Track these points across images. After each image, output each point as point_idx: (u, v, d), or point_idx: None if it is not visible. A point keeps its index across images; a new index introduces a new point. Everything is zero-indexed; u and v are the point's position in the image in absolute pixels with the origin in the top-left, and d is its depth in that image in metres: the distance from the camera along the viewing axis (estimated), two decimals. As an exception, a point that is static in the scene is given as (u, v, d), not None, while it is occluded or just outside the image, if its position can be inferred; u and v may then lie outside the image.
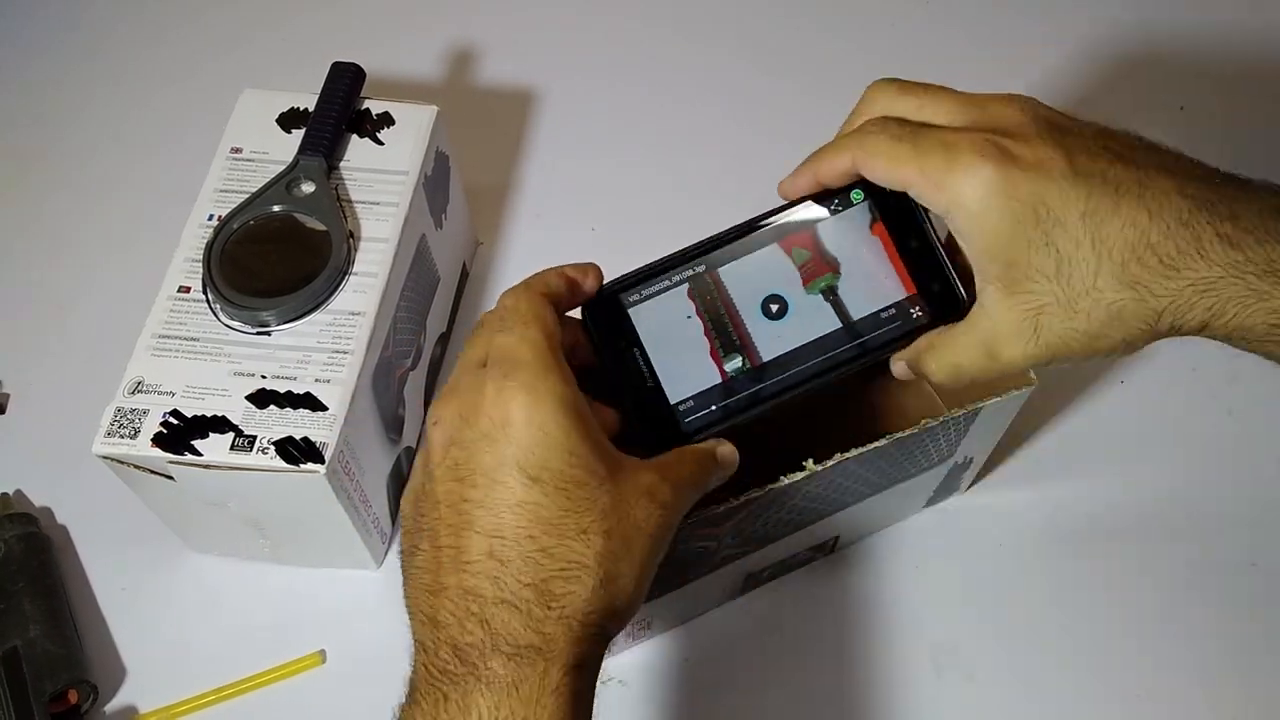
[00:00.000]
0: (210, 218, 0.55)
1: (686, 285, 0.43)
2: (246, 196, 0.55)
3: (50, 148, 0.76)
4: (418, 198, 0.57)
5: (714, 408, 0.42)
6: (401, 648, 0.56)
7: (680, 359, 0.42)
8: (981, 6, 0.83)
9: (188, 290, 0.53)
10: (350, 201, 0.56)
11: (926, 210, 0.42)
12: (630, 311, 0.43)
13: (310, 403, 0.49)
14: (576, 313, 0.43)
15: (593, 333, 0.43)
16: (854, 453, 0.45)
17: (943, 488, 0.57)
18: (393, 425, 0.57)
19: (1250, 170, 0.71)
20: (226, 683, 0.55)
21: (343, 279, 0.53)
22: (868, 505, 0.53)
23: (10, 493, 0.60)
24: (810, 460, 0.45)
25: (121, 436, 0.49)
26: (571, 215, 0.72)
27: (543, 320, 0.38)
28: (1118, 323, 0.38)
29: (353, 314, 0.52)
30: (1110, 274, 0.37)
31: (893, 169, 0.39)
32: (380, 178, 0.57)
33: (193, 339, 0.51)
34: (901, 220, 0.43)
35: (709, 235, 0.44)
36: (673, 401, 0.42)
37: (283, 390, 0.50)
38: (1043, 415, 0.63)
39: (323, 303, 0.52)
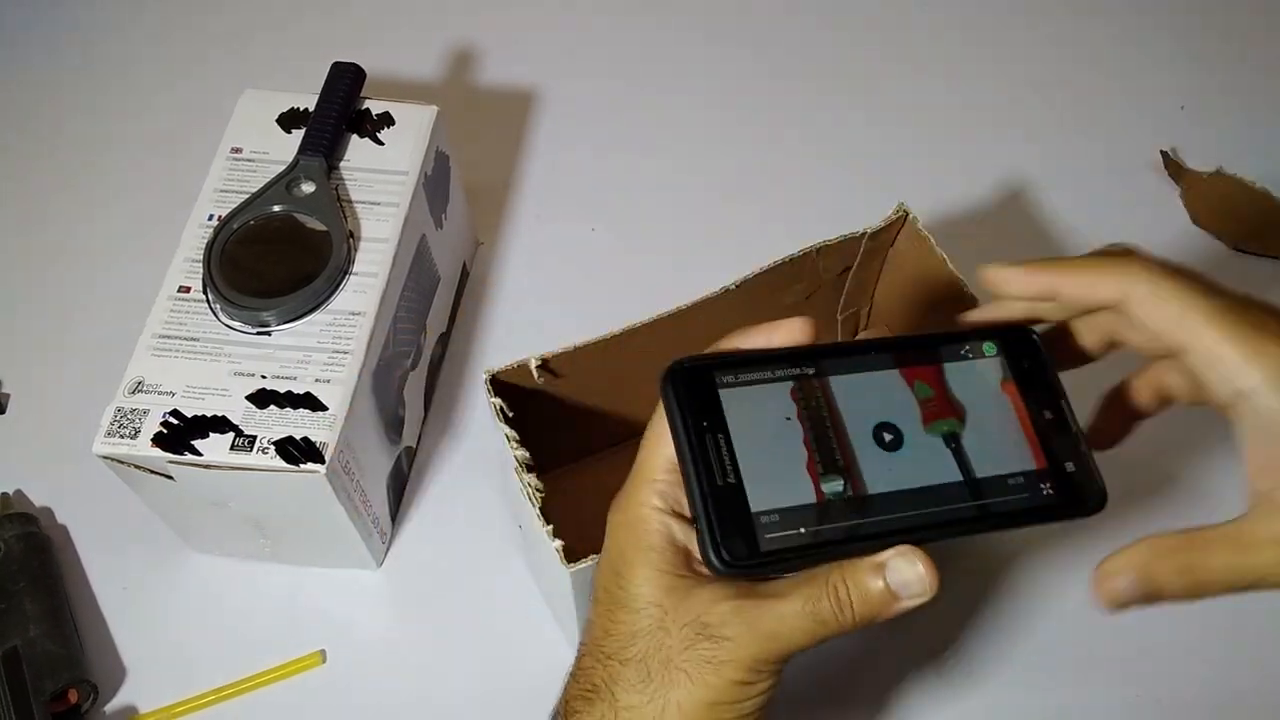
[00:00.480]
0: (210, 218, 0.55)
1: (792, 384, 0.36)
2: (247, 196, 0.55)
3: (50, 148, 0.76)
4: (418, 197, 0.57)
5: (801, 530, 0.34)
6: (402, 647, 0.57)
7: (771, 462, 0.35)
8: (981, 6, 0.83)
9: (188, 290, 0.53)
10: (350, 201, 0.56)
11: (1061, 385, 0.39)
12: (721, 392, 0.36)
13: (310, 403, 0.49)
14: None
15: (670, 405, 0.36)
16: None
17: None
18: (393, 425, 0.57)
19: (1250, 170, 0.72)
20: (226, 683, 0.55)
21: (343, 279, 0.53)
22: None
23: (10, 492, 0.60)
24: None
25: (122, 436, 0.49)
26: (571, 215, 0.72)
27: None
28: None
29: (353, 314, 0.52)
30: None
31: (1184, 317, 0.33)
32: (380, 178, 0.57)
33: (193, 339, 0.51)
34: (1036, 386, 0.39)
35: (821, 343, 0.38)
36: (754, 509, 0.34)
37: (283, 390, 0.50)
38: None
39: (323, 303, 0.52)
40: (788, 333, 0.37)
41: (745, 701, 0.34)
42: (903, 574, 0.34)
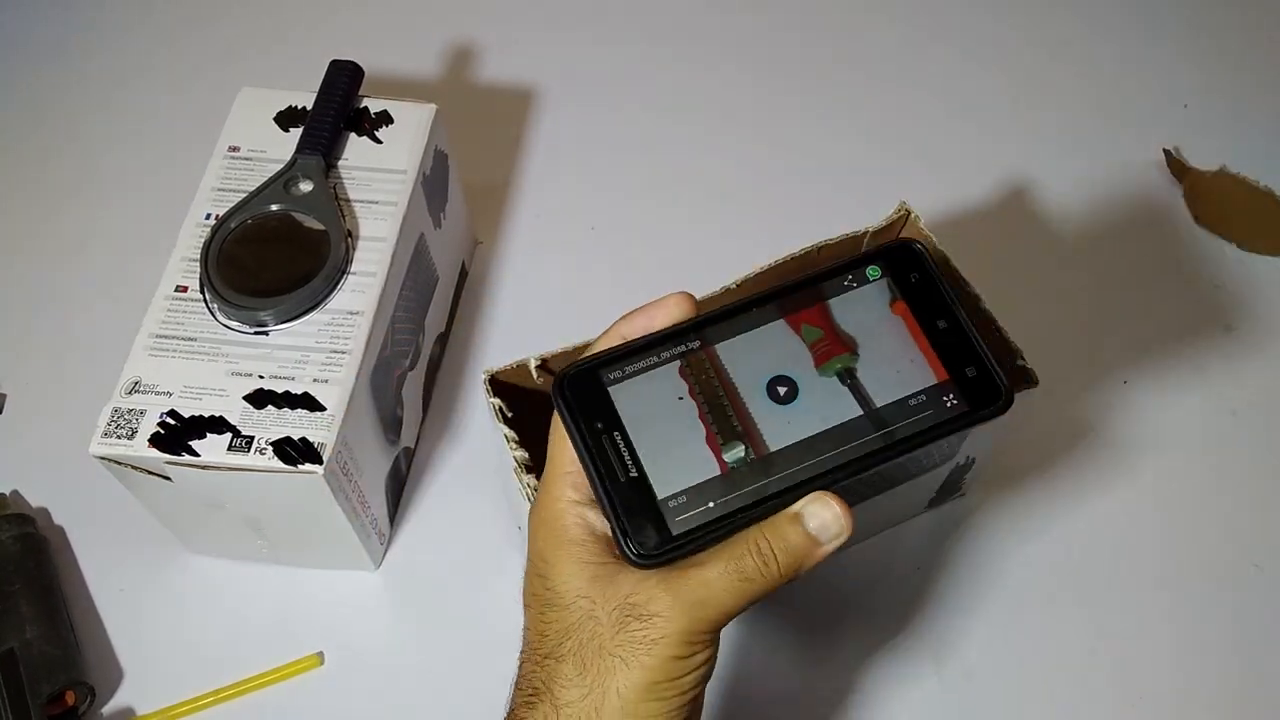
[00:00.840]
0: (208, 217, 0.55)
1: (679, 363, 0.37)
2: (244, 195, 0.55)
3: (48, 148, 0.76)
4: (416, 197, 0.57)
5: (711, 504, 0.35)
6: (400, 648, 0.56)
7: (670, 447, 0.35)
8: (981, 6, 0.83)
9: (185, 290, 0.53)
10: (348, 200, 0.56)
11: (954, 288, 0.39)
12: (610, 390, 0.36)
13: (308, 403, 0.49)
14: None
15: (563, 414, 0.36)
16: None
17: (944, 489, 0.57)
18: (391, 425, 0.57)
19: (1253, 169, 0.71)
20: (225, 684, 0.54)
21: (341, 278, 0.53)
22: (868, 505, 0.53)
23: (7, 493, 0.60)
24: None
25: (119, 437, 0.48)
26: (571, 215, 0.72)
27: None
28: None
29: (351, 314, 0.52)
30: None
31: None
32: (379, 176, 0.57)
33: (190, 339, 0.51)
34: (926, 299, 0.38)
35: (701, 314, 0.38)
36: (660, 496, 0.35)
37: (280, 390, 0.50)
38: (1046, 416, 0.63)
39: (321, 302, 0.52)
40: (667, 313, 0.37)
41: (684, 677, 0.33)
42: (820, 517, 0.34)
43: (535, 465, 0.46)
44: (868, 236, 0.54)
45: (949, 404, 0.37)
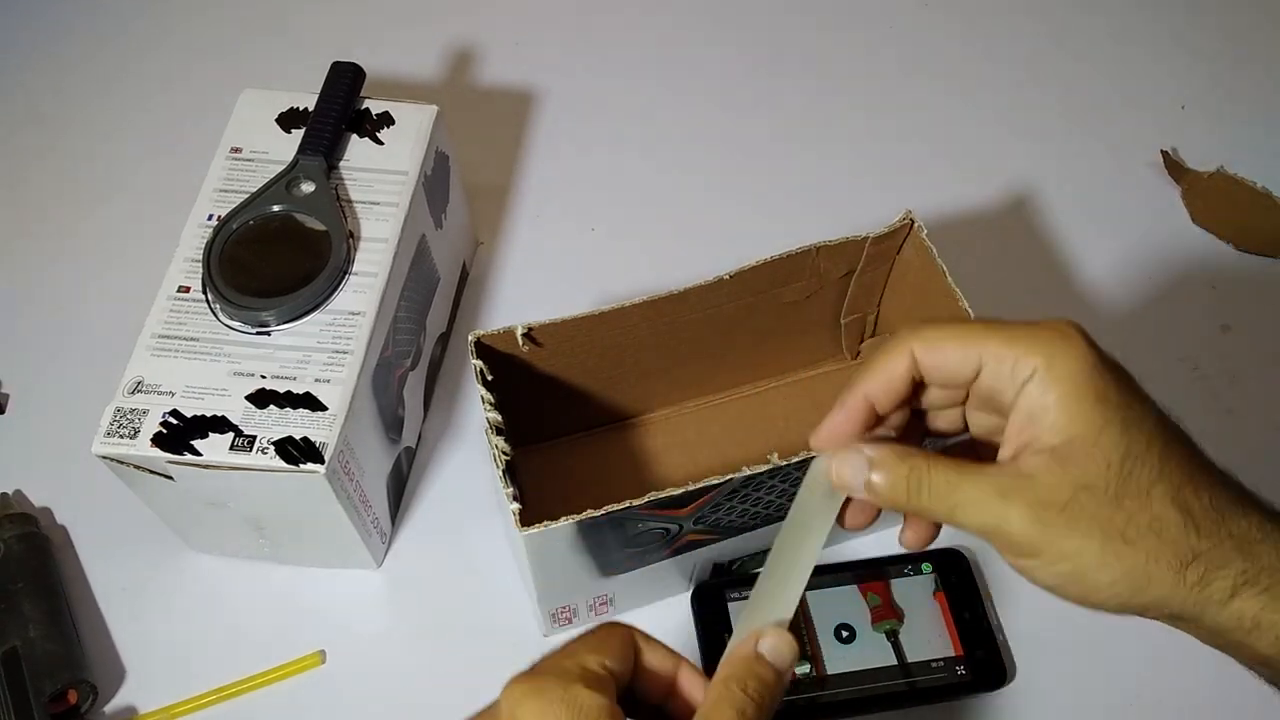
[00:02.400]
0: (210, 217, 0.55)
1: None
2: (246, 196, 0.55)
3: (50, 148, 0.76)
4: (417, 197, 0.57)
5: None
6: (401, 648, 0.57)
7: None
8: (981, 6, 0.83)
9: (187, 290, 0.53)
10: (350, 201, 0.56)
11: (981, 594, 0.55)
12: (730, 605, 0.54)
13: (310, 403, 0.49)
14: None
15: (696, 615, 0.54)
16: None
17: None
18: (392, 425, 0.57)
19: (1250, 170, 0.72)
20: (226, 683, 0.55)
21: (342, 279, 0.53)
22: None
23: (10, 493, 0.60)
24: (775, 454, 0.45)
25: (121, 436, 0.49)
26: (571, 215, 0.72)
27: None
28: (1153, 540, 0.34)
29: (352, 314, 0.52)
30: (1165, 489, 0.34)
31: (966, 342, 0.36)
32: (380, 177, 0.57)
33: (192, 339, 0.51)
34: (960, 595, 0.55)
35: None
36: None
37: (282, 390, 0.50)
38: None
39: (322, 303, 0.52)
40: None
41: None
42: (772, 643, 0.36)
43: (508, 429, 0.47)
44: (869, 241, 0.54)
45: (959, 672, 0.53)
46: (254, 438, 0.48)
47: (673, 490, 0.44)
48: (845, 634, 0.53)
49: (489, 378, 0.48)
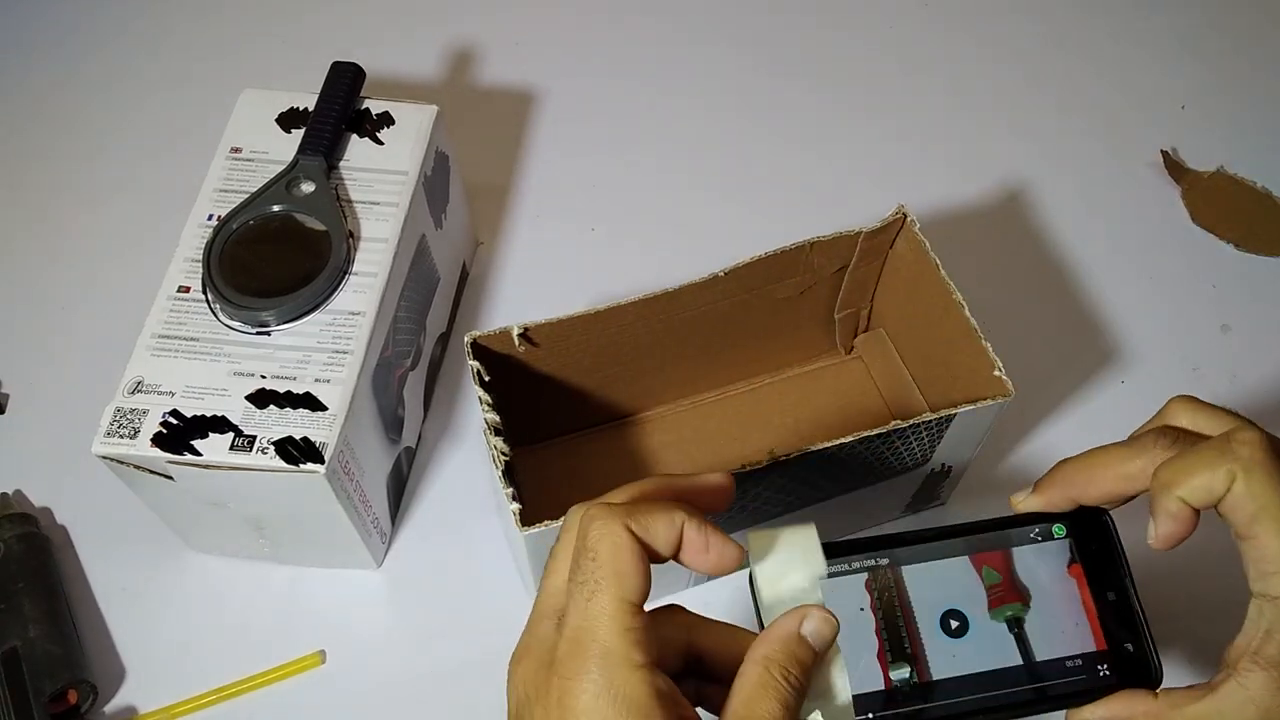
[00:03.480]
0: (210, 217, 0.55)
1: (866, 575, 0.39)
2: (246, 196, 0.55)
3: (50, 148, 0.76)
4: (417, 197, 0.57)
5: (870, 716, 0.37)
6: (401, 648, 0.57)
7: (848, 653, 0.37)
8: (981, 6, 0.83)
9: (187, 290, 0.53)
10: (350, 201, 0.56)
11: (1129, 565, 0.41)
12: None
13: (310, 403, 0.49)
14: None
15: (755, 599, 0.38)
16: (818, 447, 0.45)
17: (920, 496, 0.57)
18: (392, 425, 0.57)
19: (1250, 170, 0.72)
20: (226, 683, 0.55)
21: (342, 279, 0.53)
22: (840, 504, 0.53)
23: (10, 493, 0.60)
24: (773, 449, 0.45)
25: (121, 436, 0.49)
26: (571, 215, 0.72)
27: (621, 578, 0.32)
28: None
29: (352, 314, 0.52)
30: None
31: (1257, 518, 0.35)
32: (380, 177, 0.57)
33: (192, 339, 0.51)
34: (1102, 568, 0.41)
35: (900, 531, 0.40)
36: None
37: (282, 390, 0.50)
38: (1039, 416, 0.63)
39: (322, 303, 0.52)
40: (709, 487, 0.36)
41: None
42: (815, 625, 0.35)
43: (507, 429, 0.47)
44: (862, 236, 0.55)
45: (1101, 673, 0.39)
46: (254, 438, 0.48)
47: None
48: (955, 624, 0.39)
49: (486, 378, 0.48)
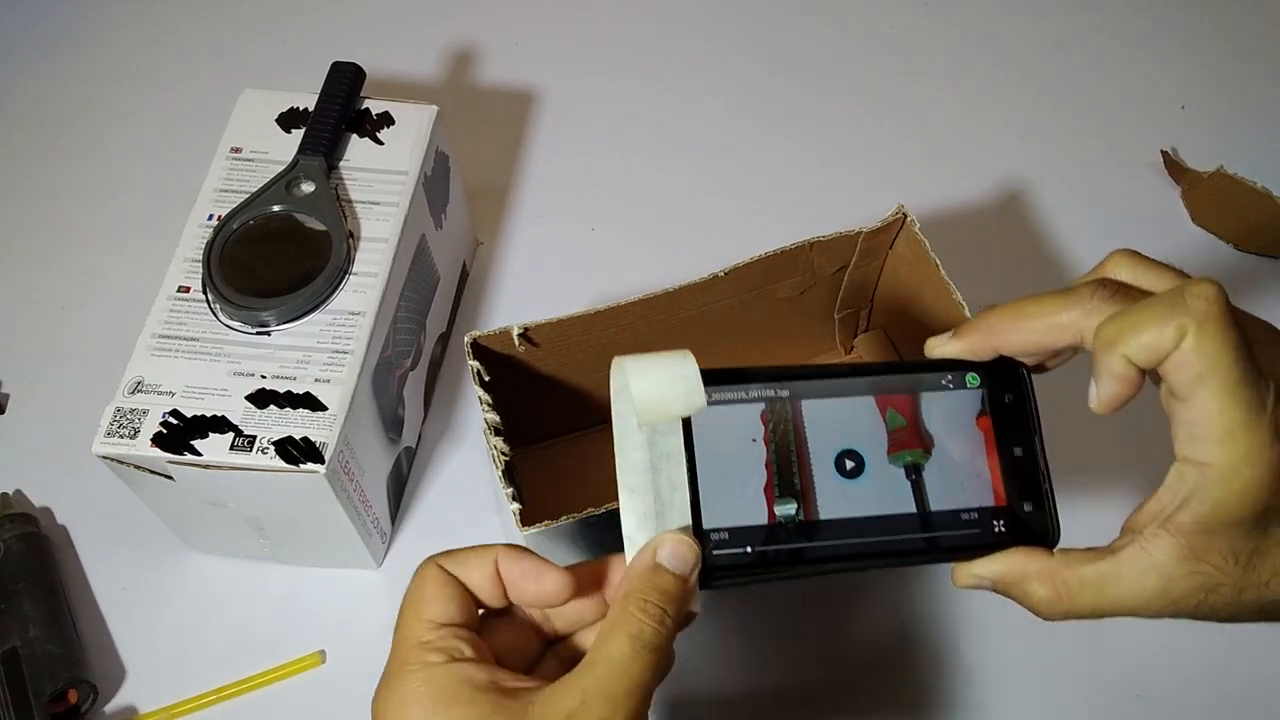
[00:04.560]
0: (210, 218, 0.55)
1: (763, 406, 0.37)
2: (246, 196, 0.55)
3: (51, 148, 0.76)
4: (418, 197, 0.57)
5: (748, 549, 0.36)
6: (401, 648, 0.57)
7: (729, 482, 0.36)
8: (981, 6, 0.83)
9: (187, 290, 0.53)
10: (350, 201, 0.56)
11: (1040, 422, 0.39)
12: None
13: (310, 403, 0.49)
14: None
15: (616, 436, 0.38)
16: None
17: None
18: (393, 425, 0.57)
19: (1250, 170, 0.72)
20: (226, 683, 0.55)
21: (342, 279, 0.53)
22: None
23: (10, 493, 0.60)
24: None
25: (121, 436, 0.49)
26: (571, 215, 0.72)
27: (419, 607, 0.34)
28: (1256, 615, 0.35)
29: (352, 314, 0.52)
30: None
31: (1200, 382, 0.32)
32: (380, 177, 0.57)
33: (192, 339, 0.51)
34: (1012, 423, 0.39)
35: (802, 365, 0.39)
36: (706, 526, 0.35)
37: (282, 390, 0.50)
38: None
39: (322, 303, 0.52)
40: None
41: None
42: (675, 553, 0.34)
43: (507, 429, 0.47)
44: (862, 236, 0.55)
45: (997, 529, 0.38)
46: (254, 438, 0.48)
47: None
48: (850, 465, 0.38)
49: (486, 378, 0.48)
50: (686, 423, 0.36)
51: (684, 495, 0.35)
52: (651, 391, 0.34)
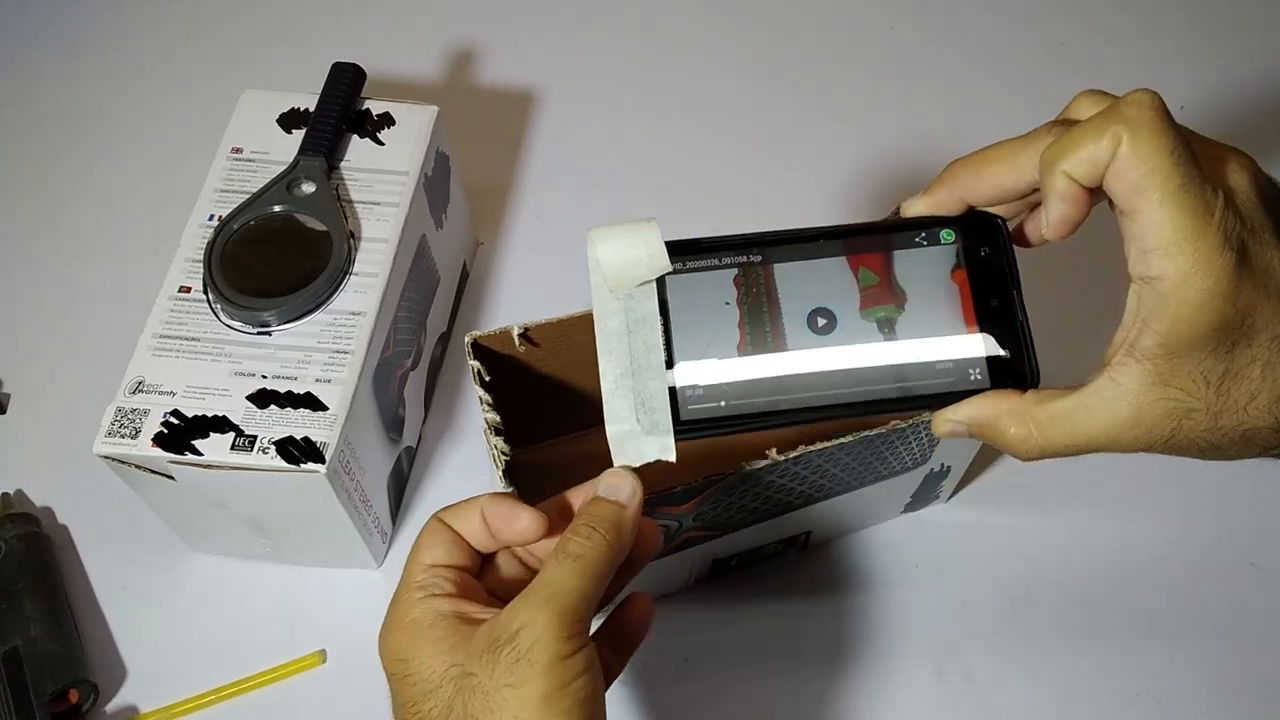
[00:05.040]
0: (211, 218, 0.55)
1: (736, 270, 0.39)
2: (247, 197, 0.55)
3: (51, 149, 0.76)
4: (418, 198, 0.57)
5: (721, 403, 0.38)
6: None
7: (704, 343, 0.38)
8: (979, 9, 0.83)
9: (188, 290, 0.53)
10: (350, 201, 0.56)
11: (1017, 273, 0.39)
12: (668, 278, 0.39)
13: (311, 403, 0.50)
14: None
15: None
16: (818, 446, 0.45)
17: (920, 494, 0.57)
18: (393, 425, 0.57)
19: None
20: (226, 683, 0.55)
21: (343, 279, 0.53)
22: (839, 503, 0.53)
23: (11, 493, 0.60)
24: (773, 450, 0.45)
25: (122, 436, 0.49)
26: (571, 215, 0.72)
27: (421, 552, 0.38)
28: (1241, 447, 0.35)
29: (353, 314, 0.52)
30: (1265, 402, 0.33)
31: (1099, 136, 0.33)
32: (380, 178, 0.57)
33: (193, 339, 0.51)
34: (989, 275, 0.39)
35: (773, 230, 0.40)
36: (680, 383, 0.38)
37: (283, 390, 0.50)
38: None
39: (323, 303, 0.52)
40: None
41: (574, 682, 0.33)
42: (612, 484, 0.37)
43: (507, 429, 0.47)
44: None
45: (973, 377, 0.39)
46: (255, 438, 0.48)
47: (673, 487, 0.44)
48: (822, 322, 0.39)
49: (487, 379, 0.49)
50: (661, 289, 0.39)
51: (659, 355, 0.38)
52: (617, 257, 0.38)
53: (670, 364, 0.38)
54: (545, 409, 0.57)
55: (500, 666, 0.33)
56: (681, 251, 0.39)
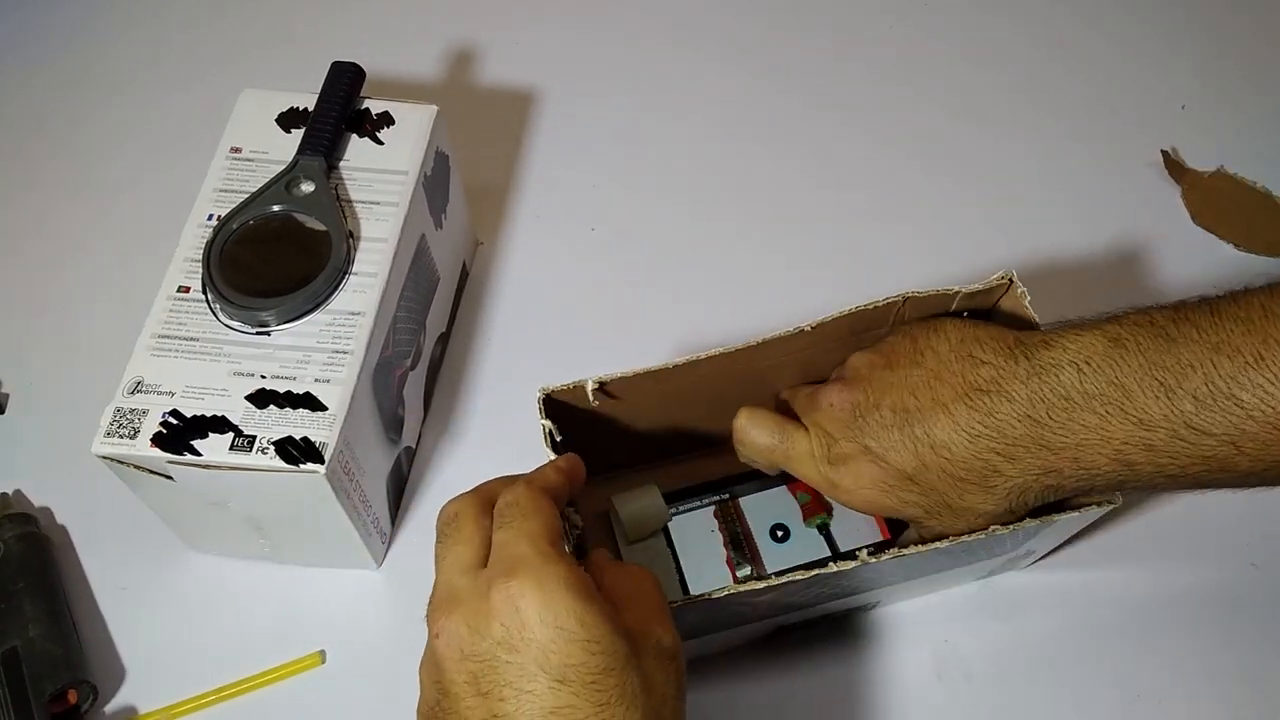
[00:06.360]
0: (210, 217, 0.55)
1: (713, 507, 0.56)
2: (246, 196, 0.55)
3: (51, 149, 0.76)
4: (417, 197, 0.57)
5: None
6: (401, 648, 0.57)
7: (702, 562, 0.54)
8: (979, 5, 0.83)
9: (187, 290, 0.53)
10: (350, 201, 0.56)
11: None
12: (669, 522, 0.56)
13: (310, 403, 0.49)
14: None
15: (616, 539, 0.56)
16: (912, 550, 0.45)
17: (998, 570, 0.57)
18: (393, 425, 0.57)
19: (1250, 170, 0.72)
20: (226, 683, 0.55)
21: (342, 279, 0.53)
22: (917, 583, 0.53)
23: (10, 493, 0.60)
24: (864, 551, 0.45)
25: (121, 436, 0.49)
26: (571, 215, 0.72)
27: (541, 512, 0.39)
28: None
29: (352, 314, 0.52)
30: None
31: (762, 448, 0.52)
32: (380, 177, 0.57)
33: (192, 339, 0.51)
34: None
35: (736, 475, 0.57)
36: (691, 591, 0.53)
37: (282, 390, 0.50)
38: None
39: (322, 303, 0.52)
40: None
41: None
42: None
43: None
44: (959, 296, 0.52)
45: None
46: (254, 438, 0.48)
47: (757, 584, 0.44)
48: (780, 534, 0.55)
49: (558, 439, 0.48)
50: (667, 531, 0.55)
51: (673, 577, 0.54)
52: (634, 516, 0.54)
53: (683, 577, 0.54)
54: (602, 448, 0.54)
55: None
56: (671, 501, 0.56)
